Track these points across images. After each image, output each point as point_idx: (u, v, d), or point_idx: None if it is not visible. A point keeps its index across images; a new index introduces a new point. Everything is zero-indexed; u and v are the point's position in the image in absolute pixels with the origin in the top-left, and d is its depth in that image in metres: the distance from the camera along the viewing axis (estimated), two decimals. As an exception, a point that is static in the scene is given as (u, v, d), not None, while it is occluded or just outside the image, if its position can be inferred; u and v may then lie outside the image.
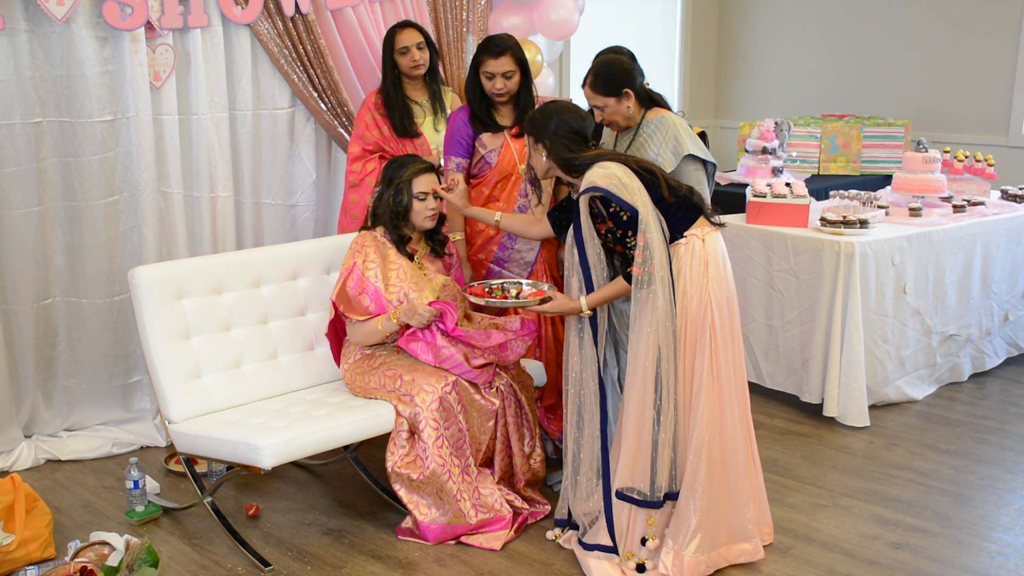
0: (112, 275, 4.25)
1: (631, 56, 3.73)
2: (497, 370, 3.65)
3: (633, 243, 3.19)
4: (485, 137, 4.03)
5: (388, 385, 3.57)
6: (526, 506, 3.69)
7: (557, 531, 3.58)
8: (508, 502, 3.62)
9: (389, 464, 3.48)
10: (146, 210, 4.21)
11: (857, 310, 4.45)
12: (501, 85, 3.95)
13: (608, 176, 3.17)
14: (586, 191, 3.20)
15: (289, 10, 4.39)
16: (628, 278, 3.22)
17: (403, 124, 4.30)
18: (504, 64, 3.92)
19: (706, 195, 3.44)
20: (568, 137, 3.29)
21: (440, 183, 3.70)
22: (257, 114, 4.56)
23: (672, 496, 3.28)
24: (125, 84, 4.06)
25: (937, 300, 4.85)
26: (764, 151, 5.87)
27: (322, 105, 4.65)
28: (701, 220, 3.29)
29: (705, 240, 3.26)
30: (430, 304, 3.54)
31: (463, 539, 3.54)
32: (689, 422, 3.25)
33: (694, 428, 3.23)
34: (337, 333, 3.81)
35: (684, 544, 3.25)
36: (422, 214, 3.66)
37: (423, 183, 3.63)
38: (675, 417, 3.22)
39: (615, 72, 3.44)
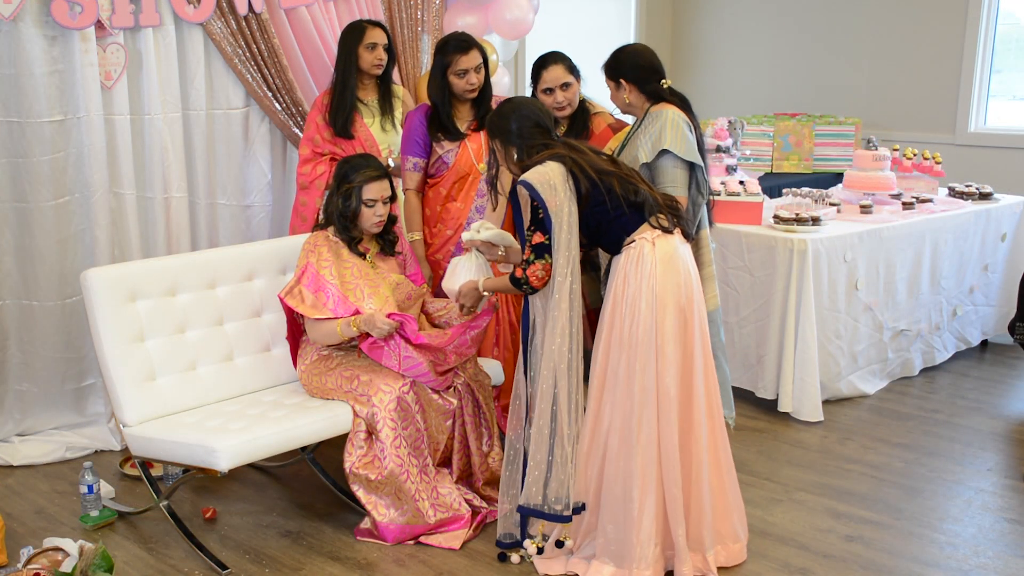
0: (64, 277, 4.19)
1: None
2: (456, 370, 3.66)
3: (530, 236, 3.20)
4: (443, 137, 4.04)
5: (345, 386, 3.56)
6: (485, 505, 3.70)
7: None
8: (467, 501, 3.63)
9: (347, 465, 3.47)
10: (98, 211, 4.16)
11: (810, 306, 4.51)
12: (475, 80, 3.96)
13: (540, 174, 3.17)
14: (519, 182, 3.22)
15: (242, 9, 4.36)
16: (513, 280, 3.23)
17: (344, 124, 4.26)
18: (474, 59, 3.95)
19: (680, 194, 3.45)
20: (531, 133, 3.30)
21: (392, 188, 3.69)
22: (211, 114, 4.51)
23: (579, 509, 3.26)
24: (75, 84, 4.01)
25: (888, 296, 4.93)
26: (718, 149, 5.90)
27: (276, 105, 4.62)
28: (646, 225, 3.23)
29: (656, 243, 3.20)
30: (389, 316, 3.52)
31: (422, 539, 3.54)
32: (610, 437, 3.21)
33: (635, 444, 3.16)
34: (295, 336, 3.79)
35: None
36: (370, 220, 3.65)
37: (373, 190, 3.61)
38: (573, 436, 3.22)
39: (619, 60, 3.60)
